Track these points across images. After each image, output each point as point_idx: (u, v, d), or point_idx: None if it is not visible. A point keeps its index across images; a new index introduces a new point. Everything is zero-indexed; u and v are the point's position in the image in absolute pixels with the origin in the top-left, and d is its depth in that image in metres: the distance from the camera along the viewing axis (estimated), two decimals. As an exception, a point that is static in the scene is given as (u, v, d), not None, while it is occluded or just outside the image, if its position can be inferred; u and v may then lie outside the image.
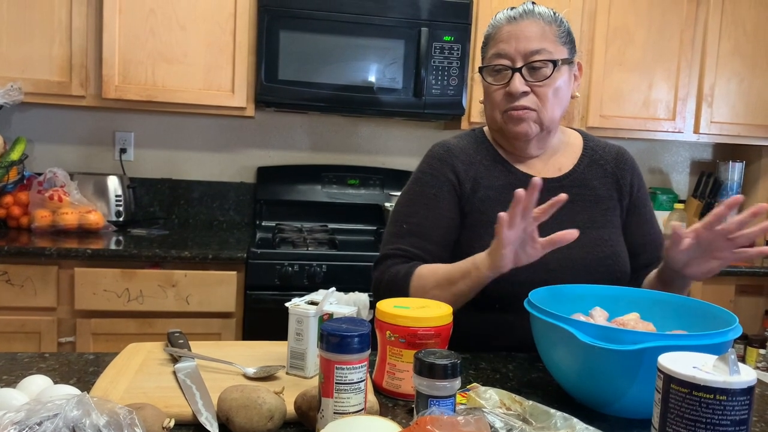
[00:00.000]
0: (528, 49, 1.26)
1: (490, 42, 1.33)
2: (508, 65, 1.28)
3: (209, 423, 0.84)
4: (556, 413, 0.84)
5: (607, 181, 1.37)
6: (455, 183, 1.33)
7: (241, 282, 2.29)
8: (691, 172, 3.35)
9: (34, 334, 2.20)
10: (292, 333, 1.02)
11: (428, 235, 1.31)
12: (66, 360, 1.10)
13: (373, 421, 0.74)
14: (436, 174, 1.34)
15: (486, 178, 1.34)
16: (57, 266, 2.19)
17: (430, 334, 0.96)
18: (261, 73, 2.48)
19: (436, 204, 1.32)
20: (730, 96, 2.91)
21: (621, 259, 1.32)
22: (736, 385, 0.69)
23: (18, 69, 2.41)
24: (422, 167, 1.38)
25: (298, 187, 2.88)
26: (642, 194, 1.40)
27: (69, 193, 2.47)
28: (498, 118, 1.32)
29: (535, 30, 1.27)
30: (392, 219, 1.37)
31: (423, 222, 1.31)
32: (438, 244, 1.31)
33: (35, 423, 0.68)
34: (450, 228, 1.32)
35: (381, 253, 1.34)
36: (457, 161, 1.35)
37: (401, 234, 1.33)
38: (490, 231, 1.23)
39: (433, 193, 1.33)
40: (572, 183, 1.35)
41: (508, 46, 1.27)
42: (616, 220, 1.36)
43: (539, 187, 1.05)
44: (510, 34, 1.28)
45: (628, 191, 1.38)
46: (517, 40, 1.27)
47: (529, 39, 1.26)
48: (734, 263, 2.66)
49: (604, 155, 1.40)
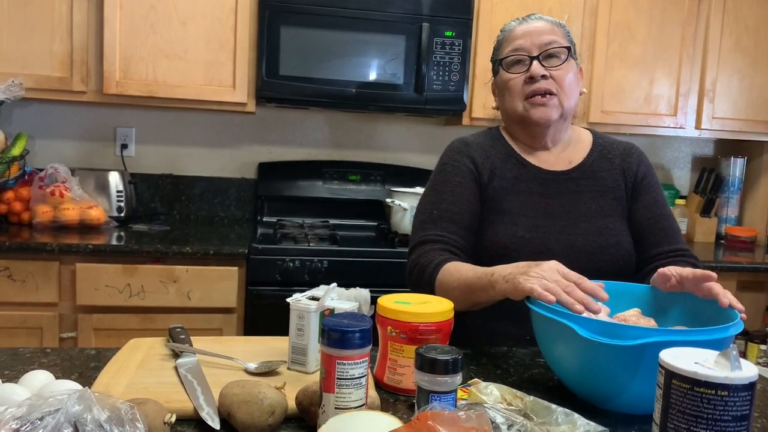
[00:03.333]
0: (542, 40, 1.36)
1: (504, 44, 1.42)
2: (525, 55, 1.36)
3: (211, 418, 0.84)
4: (557, 409, 0.84)
5: (614, 172, 1.41)
6: (475, 173, 1.39)
7: (243, 277, 2.29)
8: (693, 167, 3.35)
9: (36, 329, 2.20)
10: (294, 328, 1.03)
11: (458, 220, 1.35)
12: (67, 355, 1.10)
13: (375, 417, 0.74)
14: (457, 164, 1.41)
15: (500, 169, 1.40)
16: (58, 262, 2.19)
17: (431, 330, 0.96)
18: (262, 69, 2.47)
19: (461, 191, 1.37)
20: (732, 92, 2.90)
21: (624, 248, 1.35)
22: (738, 380, 0.69)
23: (19, 65, 2.41)
24: (443, 159, 1.45)
25: (299, 182, 2.88)
26: (649, 181, 1.43)
27: (70, 188, 2.47)
28: (519, 106, 1.37)
29: (545, 26, 1.39)
30: (420, 209, 1.42)
31: (451, 207, 1.36)
32: (467, 228, 1.36)
33: (37, 418, 0.68)
34: (475, 214, 1.37)
35: (415, 239, 1.37)
36: (474, 153, 1.41)
37: (433, 220, 1.36)
38: (502, 218, 1.35)
39: (458, 181, 1.39)
40: (581, 175, 1.40)
41: (523, 41, 1.37)
42: (622, 211, 1.39)
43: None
44: (524, 31, 1.38)
45: (632, 179, 1.41)
46: (531, 35, 1.37)
47: (542, 33, 1.37)
48: (735, 260, 2.66)
49: (612, 150, 1.45)
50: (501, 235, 1.33)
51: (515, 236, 1.32)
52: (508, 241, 1.32)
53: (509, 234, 1.33)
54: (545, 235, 1.33)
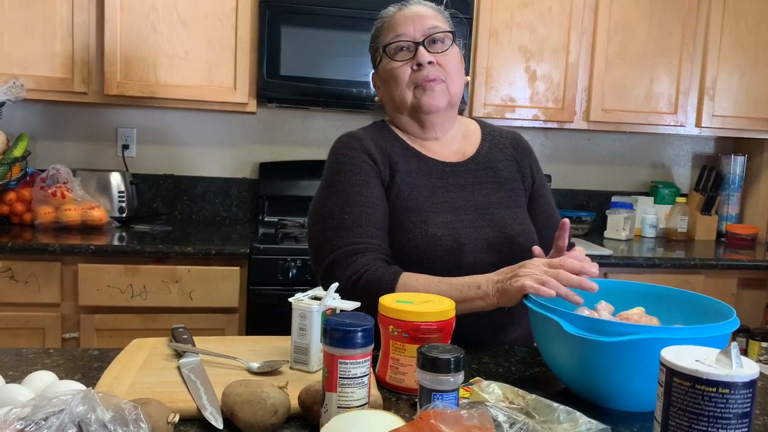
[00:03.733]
0: (426, 25, 1.30)
1: (384, 31, 1.34)
2: (409, 41, 1.30)
3: (214, 418, 0.84)
4: (558, 407, 0.84)
5: (508, 163, 1.41)
6: (375, 168, 1.31)
7: (244, 277, 2.30)
8: (693, 165, 3.35)
9: (39, 329, 2.20)
10: (296, 328, 1.03)
11: (374, 223, 1.25)
12: (71, 356, 1.10)
13: (377, 416, 0.74)
14: (355, 162, 1.30)
15: (399, 163, 1.32)
16: (60, 262, 2.20)
17: (432, 329, 0.97)
18: (263, 69, 2.47)
19: (368, 191, 1.28)
20: (732, 89, 2.90)
21: (531, 236, 1.34)
22: (739, 378, 0.69)
23: (20, 66, 2.42)
24: (337, 158, 1.33)
25: (300, 182, 2.88)
26: (539, 177, 1.44)
27: (72, 189, 2.48)
28: (408, 95, 1.32)
29: (427, 11, 1.33)
30: (326, 214, 1.29)
31: (364, 210, 1.26)
32: (384, 230, 1.27)
33: (41, 418, 0.68)
34: (386, 213, 1.29)
35: (337, 251, 1.23)
36: (370, 147, 1.32)
37: (348, 226, 1.24)
38: (409, 217, 1.28)
39: (362, 180, 1.28)
40: (478, 166, 1.37)
41: (405, 27, 1.31)
42: (522, 200, 1.40)
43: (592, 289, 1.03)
44: (404, 17, 1.32)
45: (530, 174, 1.42)
46: (414, 21, 1.31)
47: (424, 18, 1.31)
48: (735, 257, 2.66)
49: (501, 140, 1.44)
50: (411, 234, 1.26)
51: (426, 235, 1.25)
52: (420, 241, 1.25)
53: (420, 233, 1.26)
54: (456, 231, 1.27)
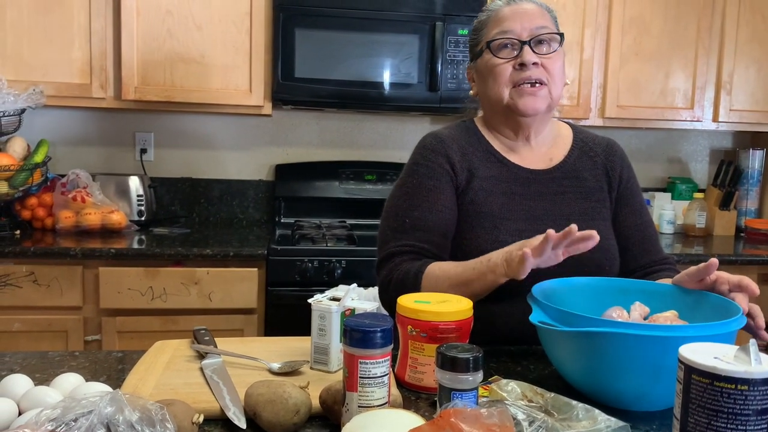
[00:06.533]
0: (533, 24, 1.27)
1: (489, 24, 1.31)
2: (515, 39, 1.27)
3: (237, 418, 0.85)
4: (577, 405, 0.85)
5: (597, 172, 1.36)
6: (451, 174, 1.30)
7: (262, 278, 2.32)
8: (711, 160, 3.32)
9: (61, 332, 2.24)
10: (315, 329, 1.04)
11: (432, 228, 1.27)
12: (95, 358, 1.12)
13: (397, 414, 0.75)
14: (432, 165, 1.31)
15: (480, 169, 1.31)
16: (82, 266, 2.23)
17: (451, 328, 0.97)
18: (277, 72, 2.49)
19: (436, 196, 1.29)
20: (749, 83, 2.87)
21: (611, 254, 1.30)
22: (758, 375, 0.69)
23: (39, 73, 2.45)
24: (416, 159, 1.35)
25: (315, 183, 2.90)
26: (631, 185, 1.39)
27: (91, 193, 2.51)
28: (505, 94, 1.28)
29: (536, 9, 1.30)
30: (390, 214, 1.33)
31: (425, 215, 1.28)
32: (443, 236, 1.28)
33: (71, 419, 0.70)
34: (451, 219, 1.29)
35: (385, 251, 1.29)
36: (450, 151, 1.32)
37: (404, 229, 1.28)
38: (482, 222, 1.27)
39: (432, 185, 1.29)
40: (563, 174, 1.34)
41: (512, 23, 1.27)
42: (606, 213, 1.35)
43: (573, 233, 1.01)
44: (513, 12, 1.29)
45: (617, 182, 1.37)
46: (521, 18, 1.27)
47: (533, 16, 1.28)
48: (755, 252, 2.64)
49: (594, 147, 1.39)
50: (481, 240, 1.25)
51: (497, 241, 1.24)
52: (489, 246, 1.22)
53: (490, 239, 1.25)
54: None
